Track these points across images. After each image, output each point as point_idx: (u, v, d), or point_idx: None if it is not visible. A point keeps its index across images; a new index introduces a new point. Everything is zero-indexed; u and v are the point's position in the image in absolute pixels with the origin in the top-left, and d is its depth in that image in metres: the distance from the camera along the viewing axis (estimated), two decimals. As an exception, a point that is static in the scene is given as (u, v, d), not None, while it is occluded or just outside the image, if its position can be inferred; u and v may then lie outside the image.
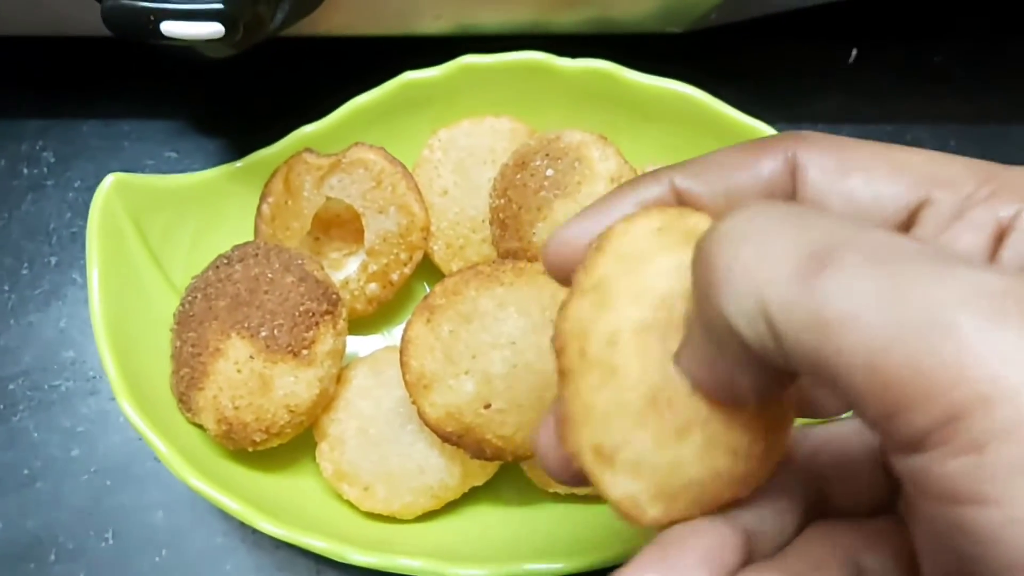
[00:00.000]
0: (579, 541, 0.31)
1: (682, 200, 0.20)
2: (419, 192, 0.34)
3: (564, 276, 0.20)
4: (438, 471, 0.31)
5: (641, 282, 0.17)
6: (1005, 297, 0.13)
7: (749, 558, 0.18)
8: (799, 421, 0.20)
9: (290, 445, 0.32)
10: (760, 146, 0.20)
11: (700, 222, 0.18)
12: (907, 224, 0.19)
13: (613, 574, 0.18)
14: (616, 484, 0.17)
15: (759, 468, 0.18)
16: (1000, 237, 0.18)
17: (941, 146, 0.41)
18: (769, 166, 0.19)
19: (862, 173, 0.19)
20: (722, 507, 0.18)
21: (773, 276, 0.14)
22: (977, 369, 0.12)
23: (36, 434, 0.36)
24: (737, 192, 0.20)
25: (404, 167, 0.34)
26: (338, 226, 0.36)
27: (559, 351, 0.18)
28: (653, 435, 0.17)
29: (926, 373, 0.13)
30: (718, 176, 0.20)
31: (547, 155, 0.32)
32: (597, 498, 0.32)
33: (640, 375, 0.17)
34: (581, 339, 0.17)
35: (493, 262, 0.31)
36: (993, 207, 0.18)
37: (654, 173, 0.20)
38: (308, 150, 0.34)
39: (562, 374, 0.18)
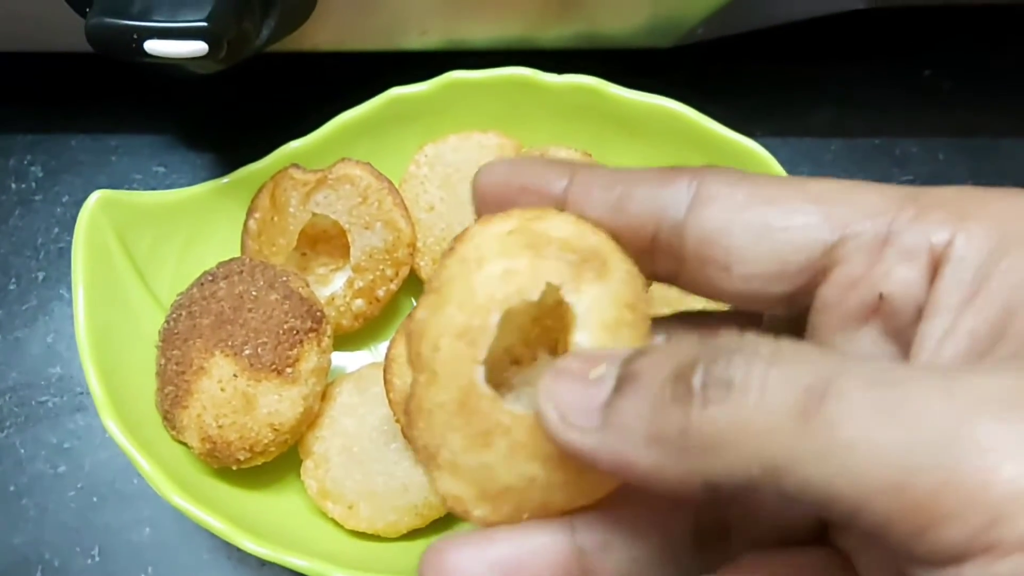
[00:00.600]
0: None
1: (569, 201, 0.19)
2: (405, 208, 0.34)
3: (489, 210, 0.20)
4: (422, 489, 0.30)
5: (469, 287, 0.18)
6: (1013, 396, 0.13)
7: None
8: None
9: (275, 463, 0.32)
10: (669, 172, 0.19)
11: (557, 224, 0.18)
12: (826, 263, 0.18)
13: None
14: (442, 482, 0.18)
15: (584, 479, 0.18)
16: (935, 266, 0.17)
17: (931, 159, 0.41)
18: (669, 190, 0.19)
19: (773, 205, 0.18)
20: (560, 515, 0.18)
21: (775, 421, 0.14)
22: (1008, 470, 0.13)
23: (22, 450, 0.36)
24: (629, 210, 0.19)
25: (390, 183, 0.34)
26: (325, 242, 0.36)
27: (407, 350, 0.19)
28: (463, 438, 0.18)
29: (957, 486, 0.13)
30: (619, 189, 0.19)
31: (531, 172, 0.32)
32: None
33: (451, 380, 0.17)
34: (418, 341, 0.18)
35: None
36: (923, 230, 0.17)
37: (566, 165, 0.20)
38: (295, 165, 0.34)
39: (412, 371, 0.18)
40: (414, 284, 0.36)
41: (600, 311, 0.18)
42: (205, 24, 0.28)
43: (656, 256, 0.19)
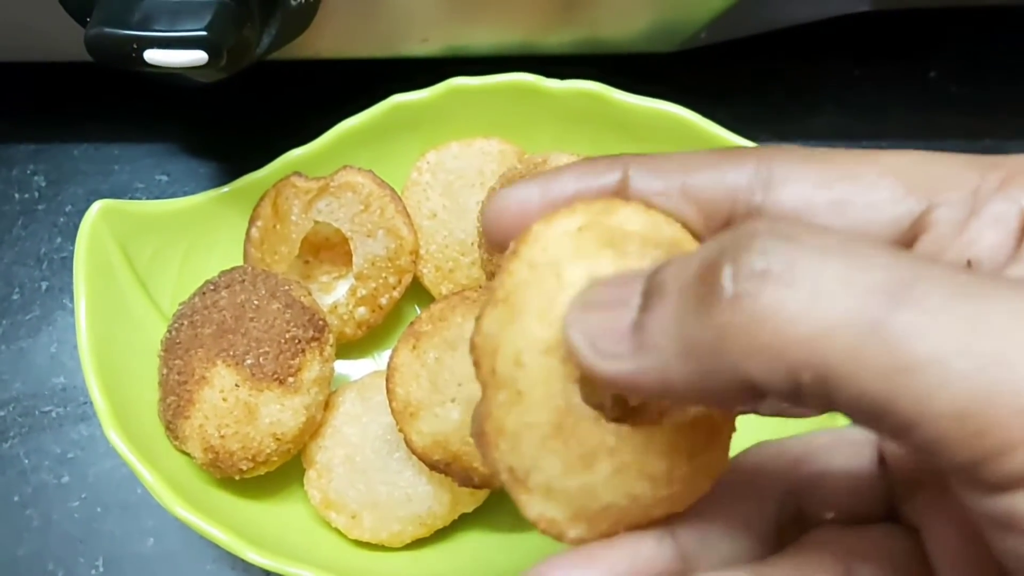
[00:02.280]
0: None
1: (633, 192, 0.18)
2: (408, 215, 0.34)
3: (502, 244, 0.18)
4: (426, 499, 0.30)
5: (549, 296, 0.16)
6: None
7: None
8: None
9: (279, 472, 0.32)
10: (732, 153, 0.18)
11: (629, 217, 0.17)
12: (913, 233, 0.17)
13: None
14: (532, 505, 0.17)
15: (685, 489, 0.17)
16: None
17: (937, 161, 0.41)
18: (741, 172, 0.18)
19: (851, 180, 0.17)
20: (653, 523, 0.17)
21: (835, 322, 0.13)
22: None
23: (27, 460, 0.35)
24: (698, 196, 0.18)
25: (393, 190, 0.34)
26: (327, 250, 0.35)
27: (475, 364, 0.17)
28: (561, 461, 0.16)
29: None
30: (679, 175, 0.18)
31: (533, 179, 0.32)
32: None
33: (543, 400, 0.16)
34: (491, 356, 0.16)
35: (479, 287, 0.31)
36: (1010, 196, 0.17)
37: (612, 159, 0.19)
38: (297, 173, 0.34)
39: (481, 387, 0.17)
40: (417, 292, 0.36)
41: None
42: (204, 33, 0.28)
43: None
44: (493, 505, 0.32)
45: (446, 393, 0.28)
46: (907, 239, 0.17)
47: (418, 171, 0.35)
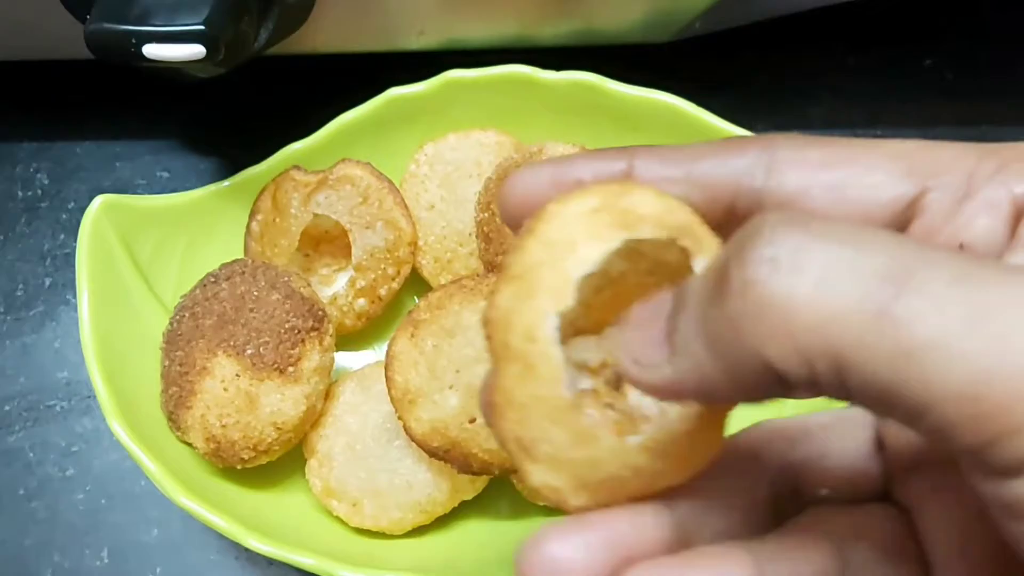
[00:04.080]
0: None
1: (639, 179, 0.19)
2: (406, 207, 0.34)
3: (516, 223, 0.19)
4: (426, 486, 0.31)
5: (563, 274, 0.17)
6: None
7: (685, 547, 0.18)
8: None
9: (281, 462, 0.32)
10: (735, 140, 0.19)
11: (642, 200, 0.17)
12: (908, 215, 0.18)
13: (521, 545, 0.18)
14: (536, 473, 0.17)
15: (685, 464, 0.18)
16: (1018, 216, 0.17)
17: (934, 149, 0.41)
18: (741, 159, 0.18)
19: (850, 163, 0.18)
20: (653, 496, 0.18)
21: (841, 309, 0.13)
22: None
23: (32, 454, 0.36)
24: (702, 181, 0.19)
25: (391, 182, 0.34)
26: (327, 242, 0.36)
27: (487, 338, 0.18)
28: (568, 434, 0.17)
29: None
30: (685, 163, 0.19)
31: (529, 168, 0.32)
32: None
33: (555, 374, 0.17)
34: (504, 330, 0.17)
35: (476, 276, 0.31)
36: (1004, 183, 0.17)
37: (620, 150, 0.19)
38: (296, 167, 0.35)
39: (492, 360, 0.18)
40: (417, 282, 0.36)
41: None
42: (202, 27, 0.28)
43: (733, 226, 0.18)
44: (493, 493, 0.32)
45: (444, 380, 0.28)
46: (903, 221, 0.18)
47: (416, 163, 0.36)
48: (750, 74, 0.41)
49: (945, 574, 0.18)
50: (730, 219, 0.19)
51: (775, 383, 0.14)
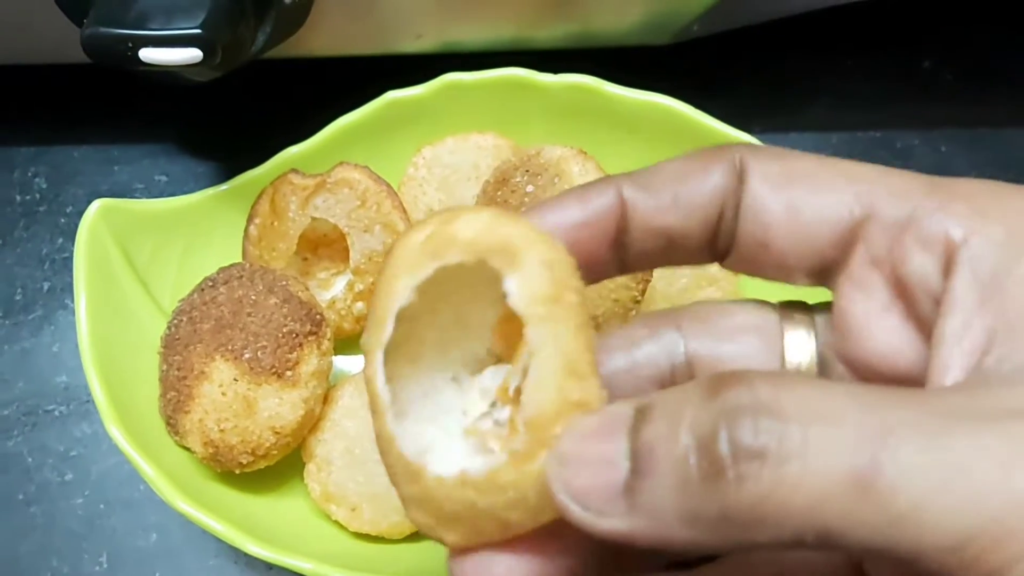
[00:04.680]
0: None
1: (631, 212, 0.19)
2: (404, 210, 0.34)
3: None
4: (425, 490, 0.31)
5: (385, 309, 0.17)
6: None
7: None
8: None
9: (280, 466, 0.32)
10: (708, 154, 0.19)
11: (466, 224, 0.17)
12: (851, 239, 0.18)
13: None
14: (409, 510, 0.18)
15: (525, 500, 0.17)
16: (949, 260, 0.17)
17: (933, 151, 0.41)
18: (717, 175, 0.19)
19: (806, 181, 0.18)
20: (537, 531, 0.17)
21: (828, 490, 0.14)
22: None
23: (30, 459, 0.36)
24: (686, 201, 0.19)
25: (389, 186, 0.34)
26: (325, 246, 0.36)
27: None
28: (402, 469, 0.17)
29: (1012, 540, 0.14)
30: (667, 186, 0.19)
31: (527, 171, 0.32)
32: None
33: (381, 408, 0.17)
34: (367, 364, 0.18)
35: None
36: (942, 221, 0.17)
37: (604, 180, 0.20)
38: (294, 171, 0.35)
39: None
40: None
41: (521, 298, 0.16)
42: (199, 31, 0.28)
43: (718, 239, 0.19)
44: (492, 496, 0.32)
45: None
46: (847, 243, 0.18)
47: (414, 166, 0.36)
48: (748, 76, 0.41)
49: None
50: (721, 228, 0.19)
51: (750, 546, 0.15)
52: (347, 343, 0.35)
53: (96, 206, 0.32)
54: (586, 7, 0.35)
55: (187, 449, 0.31)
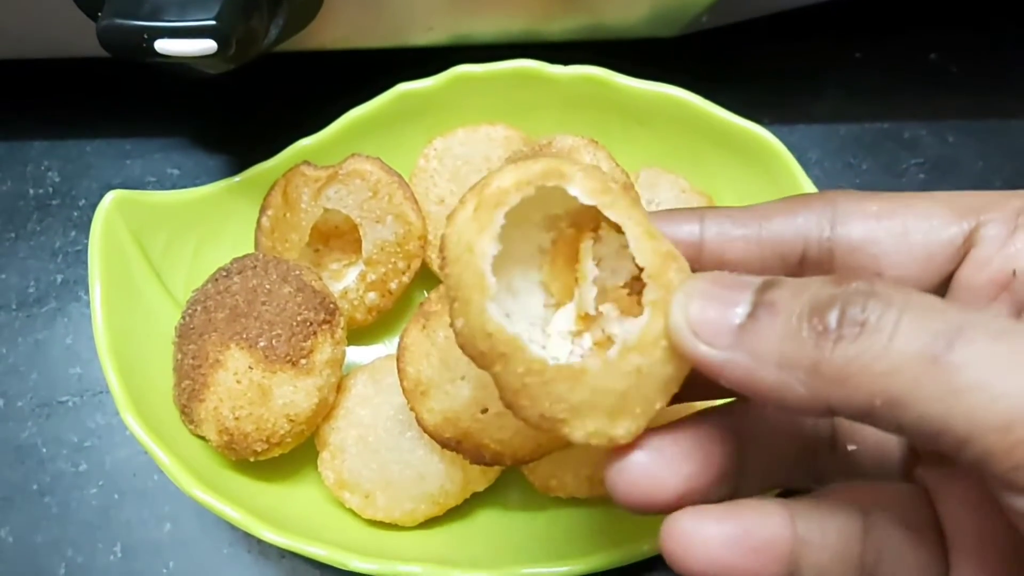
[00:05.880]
0: (582, 544, 0.31)
1: (709, 240, 0.22)
2: (415, 201, 0.34)
3: None
4: (438, 477, 0.31)
5: (477, 269, 0.20)
6: None
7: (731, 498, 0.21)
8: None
9: (293, 454, 0.32)
10: (799, 199, 0.22)
11: (496, 182, 0.20)
12: (965, 248, 0.21)
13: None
14: (576, 432, 0.20)
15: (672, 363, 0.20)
16: None
17: (941, 142, 0.41)
18: (807, 215, 0.22)
19: (908, 211, 0.21)
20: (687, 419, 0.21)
21: (905, 360, 0.17)
22: None
23: (44, 449, 0.36)
24: (772, 240, 0.22)
25: (400, 177, 0.34)
26: (337, 237, 0.36)
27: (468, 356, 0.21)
28: (568, 389, 0.20)
29: None
30: (754, 223, 0.22)
31: (539, 161, 0.32)
32: (599, 501, 0.32)
33: (529, 356, 0.20)
34: (472, 347, 0.21)
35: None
36: None
37: (689, 211, 0.23)
38: (306, 162, 0.35)
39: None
40: (427, 277, 0.36)
41: (586, 194, 0.20)
42: (214, 23, 0.28)
43: (805, 274, 0.22)
44: (504, 485, 0.32)
45: (456, 371, 0.28)
46: (960, 254, 0.21)
47: (425, 158, 0.36)
48: (757, 68, 0.41)
49: (960, 558, 0.19)
50: (803, 268, 0.22)
51: (817, 411, 0.18)
52: (359, 333, 0.36)
53: (111, 197, 0.33)
54: (597, 0, 0.35)
55: (201, 438, 0.32)
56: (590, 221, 0.22)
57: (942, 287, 0.21)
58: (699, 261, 0.22)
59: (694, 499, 0.20)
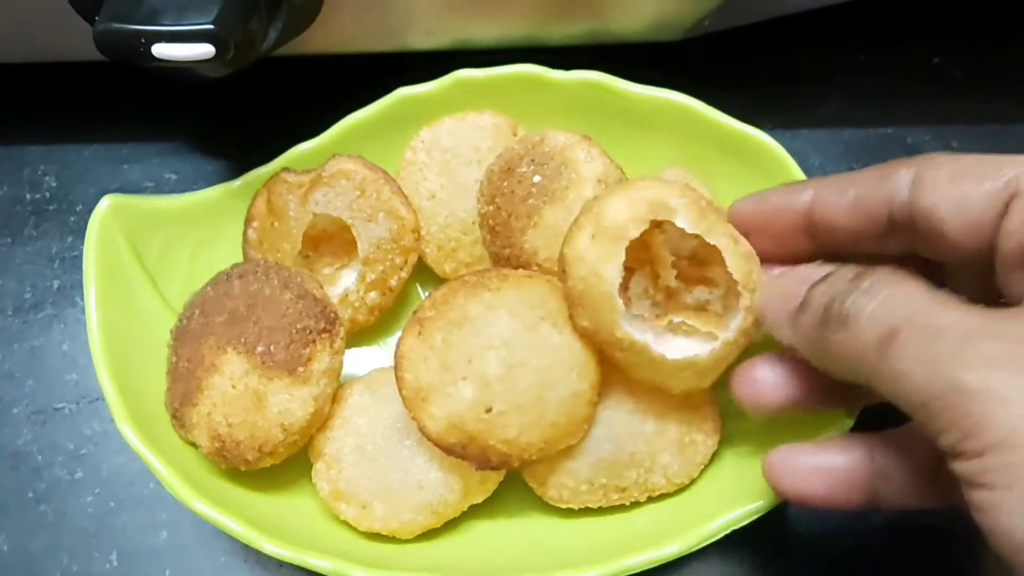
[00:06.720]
0: (581, 554, 0.30)
1: (819, 206, 0.27)
2: (404, 195, 0.34)
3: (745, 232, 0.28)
4: (437, 487, 0.30)
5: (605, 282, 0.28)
6: (1006, 352, 0.20)
7: None
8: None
9: (289, 466, 0.32)
10: (891, 164, 0.25)
11: (611, 208, 0.27)
12: (1003, 212, 0.23)
13: None
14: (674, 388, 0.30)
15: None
16: None
17: (944, 147, 0.41)
18: (891, 182, 0.25)
19: (969, 179, 0.23)
20: None
21: (861, 352, 0.22)
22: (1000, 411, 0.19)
23: (40, 456, 0.36)
24: (863, 206, 0.26)
25: (385, 172, 0.34)
26: (326, 241, 0.35)
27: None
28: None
29: (950, 407, 0.20)
30: (850, 190, 0.26)
31: (532, 160, 0.32)
32: (599, 510, 0.31)
33: (622, 328, 0.28)
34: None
35: (478, 271, 0.31)
36: None
37: (807, 182, 0.27)
38: (286, 169, 0.34)
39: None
40: (421, 272, 0.36)
41: (690, 226, 0.27)
42: (211, 26, 0.28)
43: (894, 235, 0.25)
44: (502, 496, 0.32)
45: (457, 372, 0.28)
46: (1000, 216, 0.23)
47: (412, 150, 0.35)
48: (760, 72, 0.41)
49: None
50: (891, 229, 0.25)
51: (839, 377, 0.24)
52: (362, 335, 0.35)
53: (106, 202, 0.32)
54: (598, 5, 0.35)
55: (192, 444, 0.31)
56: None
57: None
58: (813, 226, 0.27)
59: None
